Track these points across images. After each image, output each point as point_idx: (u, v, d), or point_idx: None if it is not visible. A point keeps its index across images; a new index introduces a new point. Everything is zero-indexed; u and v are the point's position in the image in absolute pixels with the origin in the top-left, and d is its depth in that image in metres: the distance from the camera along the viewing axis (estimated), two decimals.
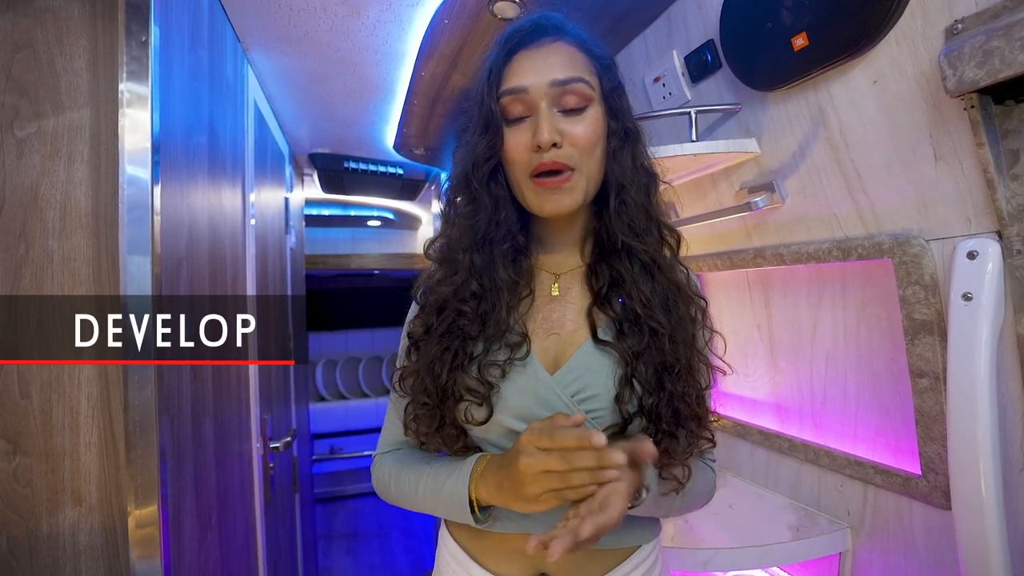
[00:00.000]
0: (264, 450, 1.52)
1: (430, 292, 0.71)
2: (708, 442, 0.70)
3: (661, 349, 0.65)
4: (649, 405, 0.64)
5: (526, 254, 0.74)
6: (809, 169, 1.03)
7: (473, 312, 0.67)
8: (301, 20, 1.29)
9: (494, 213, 0.70)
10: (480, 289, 0.68)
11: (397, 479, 0.74)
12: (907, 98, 0.82)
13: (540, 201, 0.67)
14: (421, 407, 0.68)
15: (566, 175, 0.66)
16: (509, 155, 0.68)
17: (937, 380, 0.89)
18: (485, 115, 0.68)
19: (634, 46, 1.37)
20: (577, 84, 0.66)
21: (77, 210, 0.77)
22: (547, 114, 0.65)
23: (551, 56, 0.67)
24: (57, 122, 0.76)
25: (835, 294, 1.11)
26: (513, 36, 0.68)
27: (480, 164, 0.68)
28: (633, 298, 0.67)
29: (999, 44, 0.64)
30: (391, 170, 2.58)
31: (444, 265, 0.71)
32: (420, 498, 0.70)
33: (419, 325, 0.71)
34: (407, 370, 0.71)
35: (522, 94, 0.66)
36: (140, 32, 0.79)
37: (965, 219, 0.81)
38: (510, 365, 0.66)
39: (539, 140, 0.64)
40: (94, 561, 0.76)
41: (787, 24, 0.91)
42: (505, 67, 0.67)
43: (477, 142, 0.69)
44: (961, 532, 0.81)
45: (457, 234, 0.71)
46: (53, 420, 0.75)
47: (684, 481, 0.67)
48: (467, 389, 0.66)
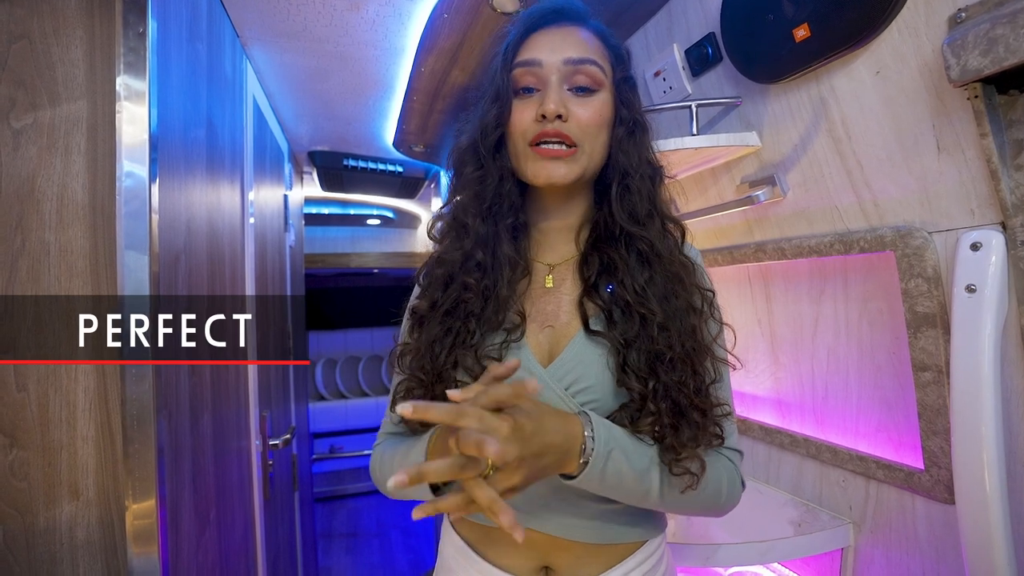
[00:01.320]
0: (263, 447, 1.51)
1: (438, 264, 0.72)
2: (716, 438, 0.66)
3: (652, 337, 0.63)
4: (644, 394, 0.63)
5: (525, 235, 0.74)
6: (811, 162, 1.02)
7: (477, 285, 0.67)
8: (300, 14, 1.29)
9: (499, 184, 0.70)
10: (484, 261, 0.69)
11: (382, 464, 0.73)
12: (910, 88, 0.82)
13: (536, 168, 0.67)
14: (415, 382, 0.68)
15: (568, 149, 0.66)
16: (513, 125, 0.69)
17: (940, 373, 0.88)
18: (497, 86, 0.69)
19: (634, 40, 1.36)
20: (590, 66, 0.67)
21: (74, 203, 0.76)
22: (557, 88, 0.67)
23: (568, 37, 0.68)
24: (54, 114, 0.76)
25: (837, 288, 1.11)
26: (534, 14, 0.70)
27: (488, 132, 0.69)
28: (625, 285, 0.66)
29: (1003, 32, 0.63)
30: (390, 168, 2.58)
31: (452, 232, 0.72)
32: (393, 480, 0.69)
33: (424, 302, 0.71)
34: (407, 347, 0.71)
35: (535, 67, 0.67)
36: (137, 24, 0.78)
37: (968, 210, 0.81)
38: (506, 347, 0.66)
39: (545, 109, 0.65)
40: (91, 556, 0.75)
41: (788, 15, 0.91)
42: (522, 43, 0.69)
43: (487, 110, 0.70)
44: (965, 527, 0.81)
45: (466, 200, 0.72)
46: (50, 414, 0.74)
47: (699, 474, 0.63)
48: (465, 369, 0.66)
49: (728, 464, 0.70)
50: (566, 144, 0.66)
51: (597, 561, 0.69)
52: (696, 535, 1.14)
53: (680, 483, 0.63)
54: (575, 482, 0.60)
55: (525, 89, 0.68)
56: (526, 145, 0.67)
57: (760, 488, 1.33)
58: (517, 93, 0.69)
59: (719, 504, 0.69)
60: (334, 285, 4.52)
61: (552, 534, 0.68)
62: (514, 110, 0.68)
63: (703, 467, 0.63)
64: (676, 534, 1.15)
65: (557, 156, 0.66)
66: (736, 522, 1.17)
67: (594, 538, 0.69)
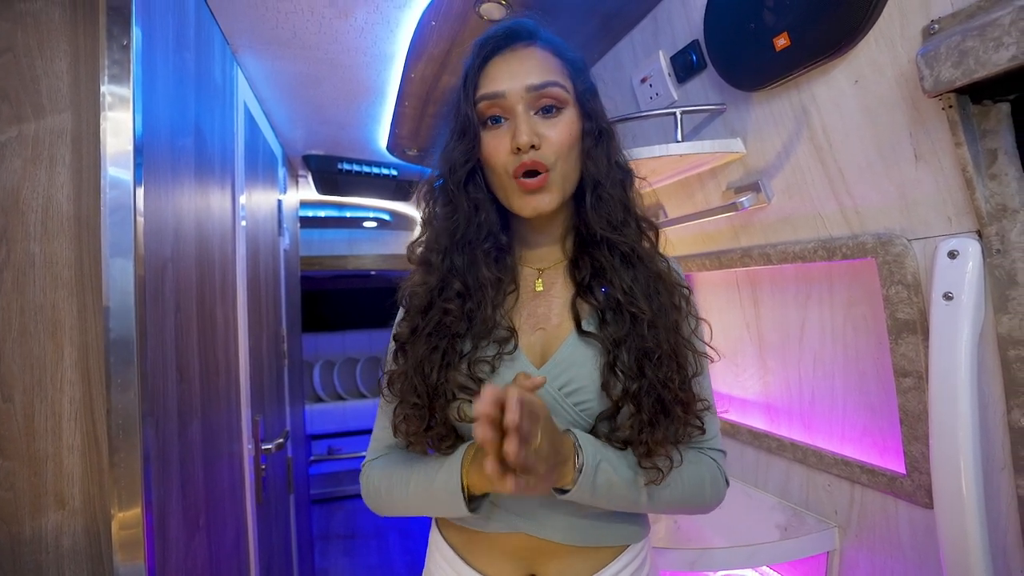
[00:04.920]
0: (256, 451, 1.52)
1: (413, 295, 0.72)
2: (697, 430, 0.70)
3: (642, 335, 0.66)
4: (632, 391, 0.65)
5: (509, 251, 0.75)
6: (794, 169, 1.03)
7: (459, 310, 0.68)
8: (289, 22, 1.30)
9: (473, 215, 0.71)
10: (464, 288, 0.69)
11: (388, 481, 0.73)
12: (887, 98, 0.82)
13: (522, 203, 0.69)
14: (411, 408, 0.69)
15: (543, 176, 0.67)
16: (489, 159, 0.69)
17: (920, 379, 0.89)
18: (462, 121, 0.69)
19: (622, 46, 1.37)
20: (552, 88, 0.68)
21: (59, 214, 0.77)
22: (524, 117, 0.67)
23: (526, 61, 0.69)
24: (38, 126, 0.76)
25: (822, 294, 1.11)
26: (487, 43, 0.70)
27: (457, 168, 0.70)
28: (615, 286, 0.68)
29: (974, 44, 0.64)
30: (385, 171, 2.58)
31: (421, 267, 0.73)
32: (411, 495, 0.70)
33: (405, 327, 0.72)
34: (395, 373, 0.71)
35: (499, 99, 0.68)
36: (121, 35, 0.79)
37: (946, 218, 0.82)
38: (499, 360, 0.67)
39: (518, 142, 0.66)
40: (77, 564, 0.76)
41: (769, 24, 0.92)
42: (480, 73, 0.69)
43: (455, 147, 0.70)
44: (943, 531, 0.81)
45: (432, 236, 0.73)
46: (35, 423, 0.75)
47: (666, 471, 0.66)
48: (459, 387, 0.66)
49: (711, 463, 0.72)
50: (541, 170, 0.67)
51: (583, 565, 0.71)
52: (684, 539, 1.14)
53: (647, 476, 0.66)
54: (569, 496, 0.63)
55: (492, 119, 0.69)
56: (510, 179, 0.68)
57: (748, 491, 1.33)
58: (484, 124, 0.69)
59: (704, 502, 0.72)
60: (331, 287, 4.53)
61: (538, 537, 0.70)
62: (485, 142, 0.69)
63: (671, 465, 0.66)
64: (664, 538, 1.15)
65: (538, 187, 0.67)
66: (724, 526, 1.18)
67: (579, 541, 0.71)
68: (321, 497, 4.01)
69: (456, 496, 0.65)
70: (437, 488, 0.67)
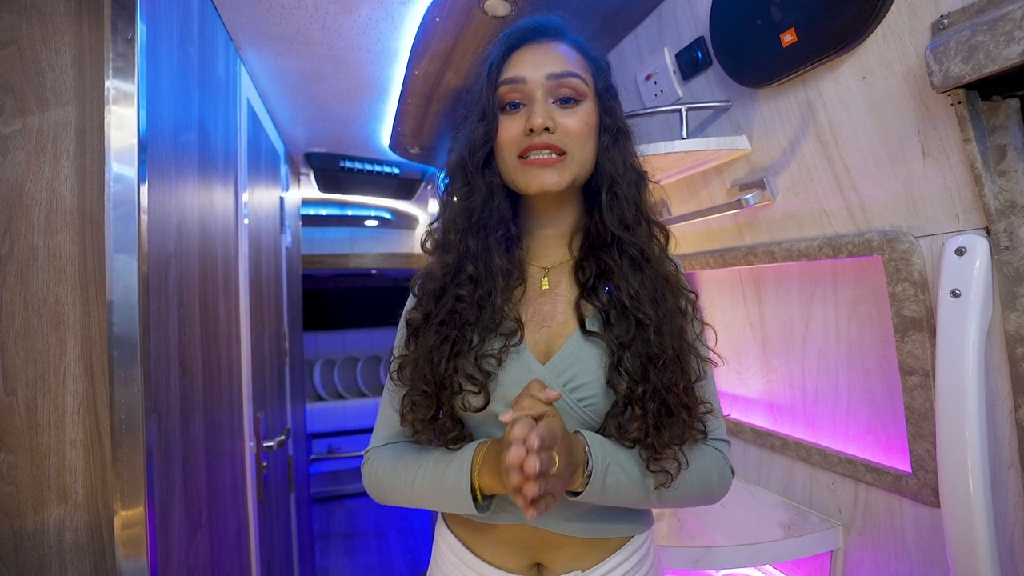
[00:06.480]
0: (257, 449, 1.51)
1: (428, 279, 0.73)
2: (700, 433, 0.70)
3: (647, 340, 0.66)
4: (637, 395, 0.65)
5: (518, 244, 0.76)
6: (799, 166, 1.03)
7: (470, 296, 0.69)
8: (293, 18, 1.29)
9: (488, 198, 0.72)
10: (476, 273, 0.70)
11: (392, 472, 0.73)
12: (895, 94, 0.82)
13: (527, 178, 0.69)
14: (419, 394, 0.69)
15: (558, 156, 0.68)
16: (501, 141, 0.71)
17: (927, 377, 0.88)
18: (483, 104, 0.71)
19: (626, 44, 1.36)
20: (572, 79, 0.69)
21: (63, 207, 0.76)
22: (542, 102, 0.69)
23: (549, 53, 0.71)
24: (43, 119, 0.76)
25: (826, 292, 1.11)
26: (515, 33, 0.72)
27: (476, 150, 0.71)
28: (621, 289, 0.69)
29: (984, 39, 0.64)
30: (387, 169, 2.58)
31: (440, 248, 0.74)
32: (417, 489, 0.70)
33: (418, 313, 0.72)
34: (405, 359, 0.72)
35: (519, 84, 0.69)
36: (126, 29, 0.78)
37: (953, 215, 0.81)
38: (505, 353, 0.68)
39: (532, 123, 0.67)
40: (80, 559, 0.75)
41: (776, 20, 0.91)
42: (505, 61, 0.72)
43: (475, 128, 0.72)
44: (949, 529, 0.81)
45: (451, 215, 0.74)
46: (38, 417, 0.75)
47: (675, 474, 0.66)
48: (466, 376, 0.67)
49: (716, 453, 0.73)
50: (555, 152, 0.68)
51: (587, 556, 0.72)
52: (687, 537, 1.14)
53: (655, 480, 0.66)
54: (580, 497, 0.63)
55: (511, 105, 0.71)
56: (515, 158, 0.70)
57: (751, 490, 1.33)
58: (503, 109, 0.71)
59: (711, 493, 0.72)
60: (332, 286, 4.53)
61: (543, 528, 0.71)
62: (501, 126, 0.71)
63: (679, 467, 0.66)
64: (667, 536, 1.15)
65: (547, 164, 0.68)
66: (727, 524, 1.18)
67: (584, 533, 0.71)
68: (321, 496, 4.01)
69: (466, 496, 0.65)
70: (446, 485, 0.67)
